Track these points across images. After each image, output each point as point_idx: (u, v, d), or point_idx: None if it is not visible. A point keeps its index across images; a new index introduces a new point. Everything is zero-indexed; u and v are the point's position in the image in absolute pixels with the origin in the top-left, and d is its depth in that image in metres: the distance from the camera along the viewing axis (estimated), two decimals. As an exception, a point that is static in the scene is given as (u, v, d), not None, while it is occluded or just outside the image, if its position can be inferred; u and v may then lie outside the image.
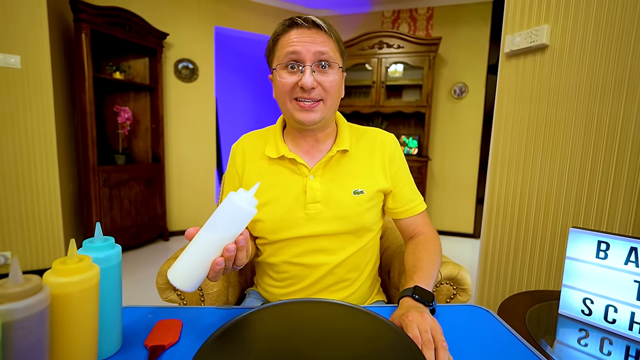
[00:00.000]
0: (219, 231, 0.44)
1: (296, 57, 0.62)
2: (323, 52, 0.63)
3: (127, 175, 2.50)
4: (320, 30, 0.63)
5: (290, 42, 0.62)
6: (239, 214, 0.44)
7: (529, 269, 1.26)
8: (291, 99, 0.65)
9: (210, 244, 0.44)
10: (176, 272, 0.44)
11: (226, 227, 0.44)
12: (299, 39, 0.62)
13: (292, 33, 0.63)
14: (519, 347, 0.49)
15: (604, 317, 0.68)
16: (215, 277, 0.46)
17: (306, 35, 0.62)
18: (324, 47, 0.63)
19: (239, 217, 0.44)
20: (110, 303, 0.44)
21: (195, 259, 0.44)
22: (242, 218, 0.45)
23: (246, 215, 0.44)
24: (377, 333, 0.43)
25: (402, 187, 0.73)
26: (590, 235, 0.70)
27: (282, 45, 0.64)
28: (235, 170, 0.75)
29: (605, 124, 1.03)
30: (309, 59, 0.62)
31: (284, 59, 0.63)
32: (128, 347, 0.47)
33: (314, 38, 0.62)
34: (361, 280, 0.73)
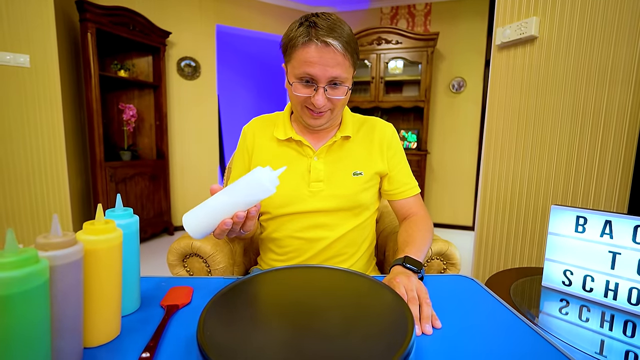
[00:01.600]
0: (235, 197, 0.50)
1: (312, 77, 0.67)
2: (337, 76, 0.66)
3: (132, 171, 2.57)
4: (337, 52, 0.65)
5: (308, 61, 0.65)
6: (258, 189, 0.49)
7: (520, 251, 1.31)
8: (302, 107, 0.71)
9: (224, 206, 0.50)
10: (189, 218, 0.50)
11: (244, 196, 0.50)
12: (317, 59, 0.65)
13: (311, 50, 0.65)
14: (502, 311, 0.53)
15: (582, 286, 0.74)
16: (219, 235, 0.53)
17: (324, 56, 0.65)
18: (339, 70, 0.66)
19: (257, 192, 0.49)
20: (130, 265, 0.50)
21: (207, 213, 0.50)
22: (261, 193, 0.50)
23: (265, 192, 0.49)
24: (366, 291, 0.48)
25: (397, 171, 0.80)
26: (570, 211, 0.75)
27: (300, 59, 0.66)
28: (246, 149, 0.81)
29: (590, 110, 1.08)
30: (323, 81, 0.66)
31: (299, 74, 0.67)
32: (146, 307, 0.53)
33: (331, 60, 0.65)
34: (358, 256, 0.79)
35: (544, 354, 0.42)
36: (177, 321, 0.49)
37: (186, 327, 0.47)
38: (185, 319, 0.49)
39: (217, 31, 3.17)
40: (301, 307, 0.44)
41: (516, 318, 0.51)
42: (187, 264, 0.80)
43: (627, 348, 0.66)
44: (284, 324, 0.40)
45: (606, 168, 1.05)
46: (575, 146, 1.12)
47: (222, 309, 0.42)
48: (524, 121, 1.30)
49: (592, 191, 1.08)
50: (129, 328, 0.47)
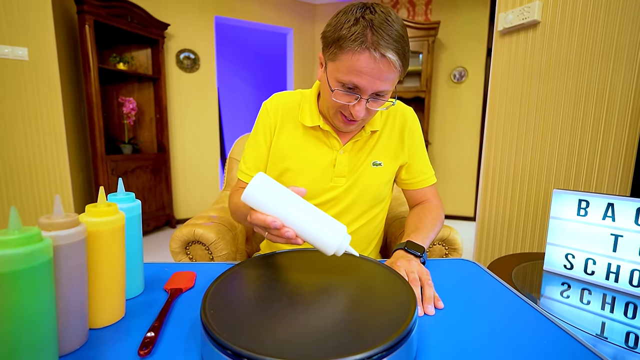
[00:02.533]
0: (306, 214, 0.45)
1: (357, 87, 0.60)
2: (384, 90, 0.61)
3: (134, 165, 2.57)
4: (393, 68, 0.58)
5: (358, 70, 0.58)
6: (327, 236, 0.44)
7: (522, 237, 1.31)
8: (336, 111, 0.65)
9: (291, 209, 0.45)
10: (263, 183, 0.45)
11: (312, 224, 0.45)
12: (368, 70, 0.57)
13: (365, 60, 0.56)
14: (505, 293, 0.53)
15: (584, 269, 0.74)
16: (242, 220, 0.51)
17: (378, 69, 0.57)
18: (388, 85, 0.60)
19: (324, 235, 0.44)
20: (133, 249, 0.50)
21: (279, 197, 0.45)
22: (323, 239, 0.44)
23: (325, 244, 0.44)
24: (369, 272, 0.48)
25: (416, 159, 0.77)
26: (572, 195, 0.75)
27: (348, 66, 0.58)
28: (268, 126, 0.74)
29: (593, 94, 1.07)
30: (367, 93, 0.60)
31: (344, 81, 0.60)
32: (150, 291, 0.53)
33: (384, 74, 0.58)
34: (367, 252, 0.78)
35: (546, 332, 0.43)
36: (180, 304, 0.49)
37: (190, 309, 0.47)
38: (189, 301, 0.50)
39: (216, 22, 3.14)
40: (304, 287, 0.44)
41: (519, 299, 0.51)
42: (190, 251, 0.80)
43: (628, 329, 0.66)
44: (287, 302, 0.40)
45: (609, 153, 1.04)
46: (578, 131, 1.12)
47: (226, 288, 0.43)
48: (525, 107, 1.29)
49: (594, 176, 1.07)
50: (133, 310, 0.47)
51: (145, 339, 0.39)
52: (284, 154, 0.73)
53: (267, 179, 0.46)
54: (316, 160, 0.72)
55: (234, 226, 0.89)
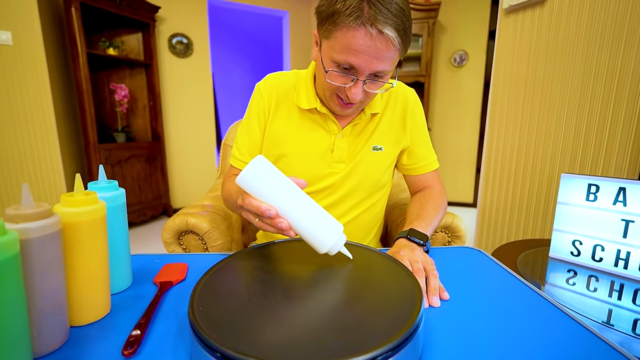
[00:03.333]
0: (305, 208, 0.42)
1: (353, 67, 0.55)
2: (382, 70, 0.56)
3: (128, 154, 2.52)
4: (392, 45, 0.53)
5: (354, 49, 0.53)
6: (323, 232, 0.42)
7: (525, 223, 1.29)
8: (332, 93, 0.61)
9: (289, 198, 0.42)
10: (260, 167, 0.42)
11: (309, 217, 0.42)
12: (364, 48, 0.53)
13: (361, 37, 0.52)
14: (511, 281, 0.51)
15: (592, 256, 0.71)
16: (235, 208, 0.47)
17: (375, 47, 0.52)
18: (386, 64, 0.55)
19: (320, 232, 0.42)
20: (118, 241, 0.47)
21: (275, 184, 0.42)
22: (319, 235, 0.42)
23: (320, 242, 0.42)
24: (371, 263, 0.46)
25: (418, 143, 0.73)
26: (581, 179, 0.71)
27: (343, 44, 0.54)
28: (262, 110, 0.70)
29: (602, 74, 1.02)
30: (364, 74, 0.56)
31: (339, 61, 0.55)
32: (138, 284, 0.50)
33: (382, 52, 0.53)
34: (367, 241, 0.76)
35: (555, 320, 0.40)
36: (170, 298, 0.46)
37: (180, 303, 0.45)
38: (179, 295, 0.47)
39: (209, 5, 3.03)
40: (301, 280, 0.41)
41: (526, 287, 0.49)
42: (183, 241, 0.77)
43: (636, 317, 0.64)
44: (283, 297, 0.37)
45: (617, 136, 1.00)
46: (585, 114, 1.08)
47: (217, 282, 0.40)
48: (530, 89, 1.24)
49: (601, 161, 1.04)
50: (120, 306, 0.44)
51: (130, 338, 0.36)
52: (279, 139, 0.69)
53: (267, 164, 0.43)
54: (313, 145, 0.68)
55: (229, 215, 0.86)
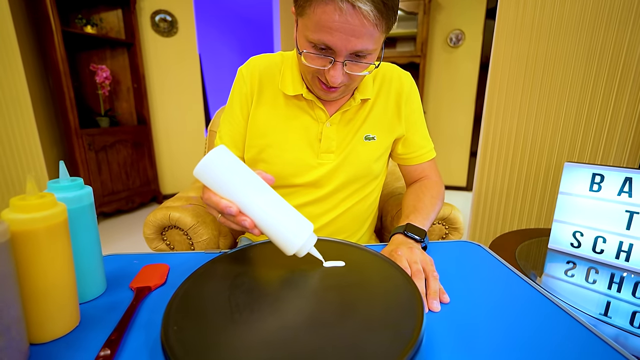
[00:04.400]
0: (272, 204, 0.39)
1: (329, 47, 0.50)
2: (362, 49, 0.50)
3: (112, 139, 2.42)
4: (367, 21, 0.47)
5: (326, 26, 0.47)
6: (291, 231, 0.39)
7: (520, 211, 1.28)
8: (313, 76, 0.56)
9: (254, 194, 0.38)
10: (219, 158, 0.38)
11: (276, 216, 0.39)
12: (338, 25, 0.47)
13: (331, 12, 0.46)
14: (511, 278, 0.48)
15: (593, 248, 0.69)
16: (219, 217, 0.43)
17: (349, 23, 0.47)
18: (365, 42, 0.49)
19: (289, 231, 0.39)
20: (87, 244, 0.42)
21: (236, 177, 0.38)
22: (287, 234, 0.38)
23: (288, 241, 0.39)
24: (367, 267, 0.42)
25: (414, 131, 0.69)
26: (585, 168, 0.68)
27: (315, 22, 0.48)
28: (245, 96, 0.64)
29: (608, 56, 0.98)
30: (342, 54, 0.50)
31: (313, 40, 0.50)
32: (113, 290, 0.46)
33: (357, 29, 0.47)
34: (361, 233, 0.72)
35: (562, 325, 0.38)
36: (148, 306, 0.42)
37: (158, 313, 0.40)
38: (157, 303, 0.43)
39: (193, -21, 2.85)
40: (291, 288, 0.37)
41: (529, 286, 0.46)
42: (167, 237, 0.72)
43: (635, 309, 0.63)
44: (270, 312, 0.33)
45: (619, 121, 0.97)
46: (587, 98, 1.04)
47: (196, 294, 0.36)
48: (531, 71, 1.19)
49: (601, 149, 1.01)
50: (91, 317, 0.40)
51: (98, 358, 0.32)
52: (263, 128, 0.64)
53: (227, 155, 0.38)
54: (300, 134, 0.63)
55: (216, 207, 0.81)
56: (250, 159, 0.66)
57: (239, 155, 0.68)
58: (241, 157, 0.68)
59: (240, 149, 0.67)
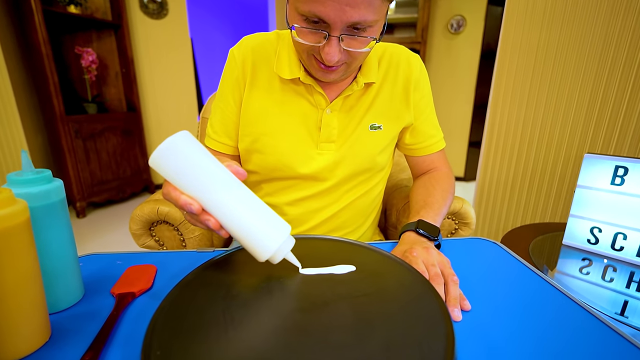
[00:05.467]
0: (244, 201, 0.34)
1: (322, 20, 0.44)
2: (359, 20, 0.44)
3: (101, 126, 2.32)
4: None
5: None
6: (265, 232, 0.33)
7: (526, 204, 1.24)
8: (308, 55, 0.50)
9: (220, 189, 0.33)
10: (177, 145, 0.33)
11: (247, 216, 0.33)
12: None
13: None
14: (530, 277, 0.45)
15: (612, 245, 0.66)
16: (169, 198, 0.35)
17: None
18: (363, 12, 0.43)
19: (262, 231, 0.33)
20: (58, 247, 0.36)
21: (199, 167, 0.33)
22: (260, 235, 0.33)
23: (261, 246, 0.33)
24: (380, 269, 0.37)
25: (423, 119, 0.63)
26: (607, 161, 0.64)
27: None
28: (236, 80, 0.58)
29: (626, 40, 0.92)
30: (337, 27, 0.44)
31: (304, 10, 0.44)
32: (91, 297, 0.40)
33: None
34: (364, 228, 0.67)
35: (592, 330, 0.33)
36: (131, 316, 0.37)
37: (143, 325, 0.35)
38: (142, 312, 0.38)
39: (184, -42, 2.70)
40: (297, 300, 0.32)
41: (557, 292, 0.42)
42: (156, 232, 0.67)
43: (654, 309, 0.59)
44: (272, 331, 0.28)
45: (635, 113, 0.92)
46: (601, 87, 0.99)
47: (184, 308, 0.30)
48: (542, 59, 1.14)
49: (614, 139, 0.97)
50: (64, 330, 0.35)
51: (68, 385, 0.27)
52: (257, 115, 0.58)
53: (189, 142, 0.32)
54: (297, 122, 0.57)
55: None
56: (244, 149, 0.61)
57: (231, 146, 0.62)
58: (234, 147, 0.62)
59: (232, 138, 0.61)
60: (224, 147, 0.62)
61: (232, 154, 0.63)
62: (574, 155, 1.09)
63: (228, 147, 0.62)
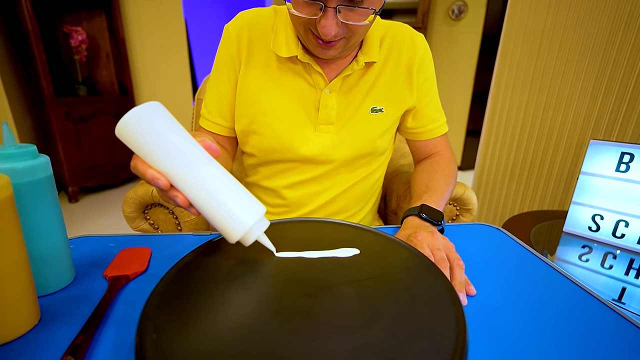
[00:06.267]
0: (214, 177, 0.31)
1: None
2: None
3: (92, 109, 2.26)
4: None
5: None
6: (235, 210, 0.31)
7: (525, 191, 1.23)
8: (305, 29, 0.48)
9: (189, 164, 0.30)
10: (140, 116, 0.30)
11: (217, 190, 0.31)
12: None
13: None
14: (533, 262, 0.44)
15: (613, 232, 0.65)
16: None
17: None
18: None
19: (232, 209, 0.31)
20: (45, 227, 0.34)
21: (167, 139, 0.30)
22: (230, 213, 0.31)
23: (234, 221, 0.31)
24: (384, 252, 0.36)
25: (427, 102, 0.61)
26: (613, 147, 0.63)
27: None
28: (230, 58, 0.56)
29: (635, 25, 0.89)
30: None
31: None
32: (83, 280, 0.39)
33: None
34: (364, 212, 0.66)
35: (594, 312, 0.33)
36: (124, 300, 0.35)
37: (137, 308, 0.34)
38: (136, 296, 0.36)
39: None
40: (297, 284, 0.30)
41: (562, 276, 0.41)
42: (150, 215, 0.65)
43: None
44: (273, 315, 0.26)
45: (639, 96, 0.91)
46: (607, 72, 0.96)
47: (180, 291, 0.29)
48: (547, 43, 1.11)
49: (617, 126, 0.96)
50: (54, 313, 0.33)
51: (59, 369, 0.26)
52: (254, 95, 0.56)
53: (158, 114, 0.30)
54: (295, 102, 0.55)
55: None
56: (241, 131, 0.58)
57: (226, 127, 0.59)
58: (229, 129, 0.60)
59: (228, 119, 0.59)
60: (218, 127, 0.59)
61: (227, 135, 0.60)
62: (576, 142, 1.07)
63: (222, 127, 0.59)
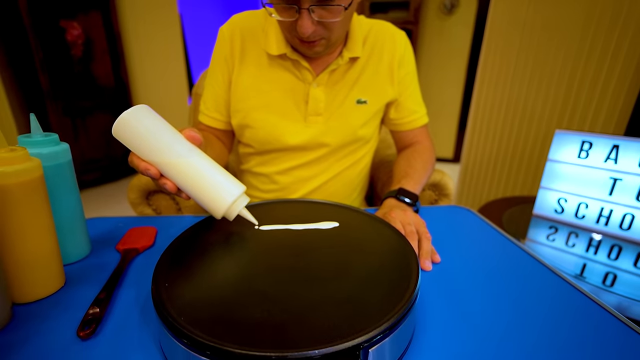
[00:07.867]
0: (197, 164, 0.37)
1: None
2: None
3: (89, 103, 2.29)
4: None
5: None
6: (218, 191, 0.36)
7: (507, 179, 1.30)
8: (290, 31, 0.53)
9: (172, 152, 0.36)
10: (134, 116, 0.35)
11: (201, 173, 0.36)
12: None
13: None
14: (500, 240, 0.49)
15: (575, 213, 0.72)
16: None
17: None
18: None
19: (215, 190, 0.36)
20: (67, 204, 0.40)
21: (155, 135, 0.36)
22: (214, 193, 0.36)
23: (218, 200, 0.36)
24: (361, 227, 0.41)
25: (407, 95, 0.67)
26: (575, 136, 0.69)
27: None
28: (224, 58, 0.61)
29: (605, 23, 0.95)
30: (307, 0, 0.46)
31: None
32: (98, 252, 0.44)
33: None
34: (352, 198, 0.72)
35: (547, 283, 0.39)
36: (136, 268, 0.41)
37: (147, 274, 0.39)
38: (146, 264, 0.42)
39: None
40: (284, 248, 0.36)
41: (518, 249, 0.47)
42: (153, 202, 0.70)
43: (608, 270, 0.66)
44: (264, 269, 0.32)
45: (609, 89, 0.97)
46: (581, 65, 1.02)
47: (187, 252, 0.35)
48: (527, 37, 1.16)
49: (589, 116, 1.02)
50: (76, 278, 0.39)
51: (87, 316, 0.31)
52: (247, 91, 0.61)
53: (145, 114, 0.36)
54: (285, 96, 0.61)
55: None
56: (237, 125, 0.64)
57: (222, 120, 0.65)
58: (225, 122, 0.65)
59: (224, 115, 0.65)
60: (215, 121, 0.65)
61: (224, 128, 0.66)
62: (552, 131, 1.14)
63: (219, 121, 0.65)
